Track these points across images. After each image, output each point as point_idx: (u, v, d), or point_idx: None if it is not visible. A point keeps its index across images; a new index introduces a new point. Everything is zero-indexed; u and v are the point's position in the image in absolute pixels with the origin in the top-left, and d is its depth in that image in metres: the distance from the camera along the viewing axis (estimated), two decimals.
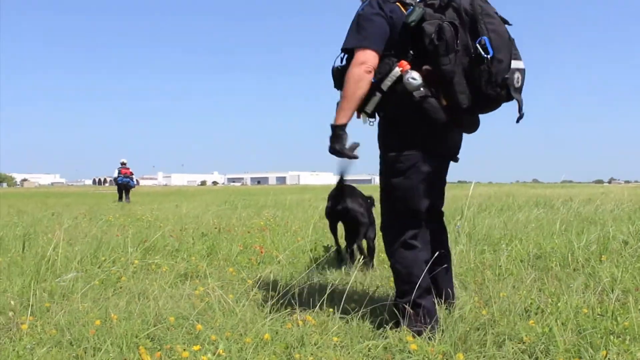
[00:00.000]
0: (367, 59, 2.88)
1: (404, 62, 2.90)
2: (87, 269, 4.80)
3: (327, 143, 3.02)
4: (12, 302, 3.62)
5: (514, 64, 2.83)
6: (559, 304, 3.45)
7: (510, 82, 2.79)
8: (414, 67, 2.88)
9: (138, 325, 3.10)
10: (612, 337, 2.77)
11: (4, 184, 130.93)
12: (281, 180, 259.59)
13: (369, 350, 2.81)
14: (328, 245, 6.03)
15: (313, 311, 3.44)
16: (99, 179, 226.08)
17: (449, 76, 2.80)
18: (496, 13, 2.89)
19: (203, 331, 2.93)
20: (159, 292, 3.96)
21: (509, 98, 2.87)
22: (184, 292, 4.07)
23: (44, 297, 3.85)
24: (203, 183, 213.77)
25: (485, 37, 2.76)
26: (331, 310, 3.41)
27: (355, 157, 3.08)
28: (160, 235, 6.23)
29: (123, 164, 24.02)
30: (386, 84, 2.93)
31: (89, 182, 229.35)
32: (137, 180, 26.52)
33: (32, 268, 4.63)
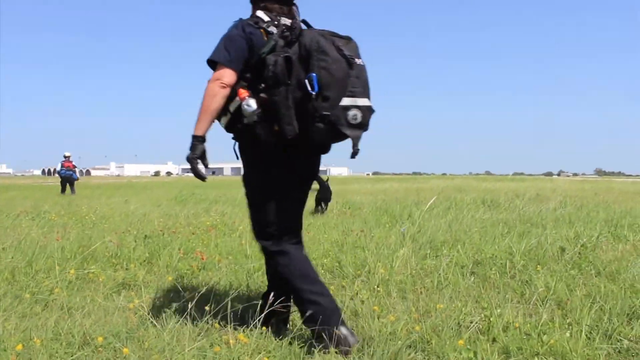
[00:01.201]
0: (224, 75, 3.03)
1: (241, 90, 3.04)
2: (18, 280, 4.64)
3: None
4: None
5: (350, 101, 2.94)
6: (491, 319, 3.48)
7: (338, 119, 2.91)
8: (256, 94, 3.03)
9: (62, 349, 3.00)
10: (536, 359, 2.81)
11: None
12: (236, 171, 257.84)
13: None
14: None
15: (248, 328, 3.40)
16: (49, 169, 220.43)
17: (275, 107, 2.96)
18: (341, 50, 2.98)
19: (129, 356, 2.85)
20: (91, 307, 3.86)
21: (339, 137, 3.02)
22: (119, 304, 3.99)
23: None
24: (157, 173, 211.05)
25: (313, 74, 2.88)
26: (264, 328, 3.38)
27: (202, 178, 3.34)
28: (100, 242, 6.07)
29: (66, 157, 23.84)
30: (232, 105, 3.08)
31: (38, 172, 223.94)
32: (81, 172, 26.43)
33: None
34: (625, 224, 8.48)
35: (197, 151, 3.15)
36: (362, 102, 3.02)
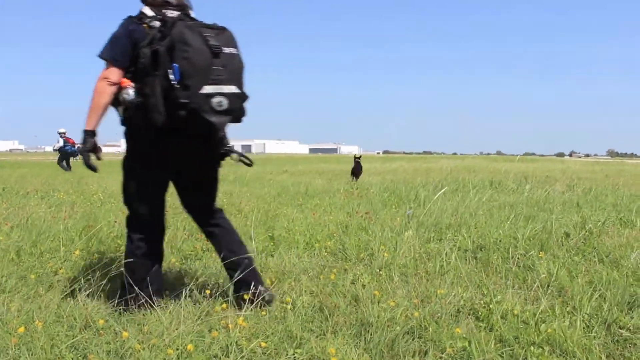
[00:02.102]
0: (110, 74, 3.24)
1: (124, 80, 3.25)
2: (24, 261, 4.67)
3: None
4: None
5: (213, 88, 3.11)
6: (490, 305, 3.48)
7: (200, 106, 3.09)
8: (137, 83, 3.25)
9: (63, 332, 3.04)
10: (532, 349, 2.81)
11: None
12: (246, 148, 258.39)
13: (294, 359, 2.81)
14: (272, 234, 5.98)
15: (248, 309, 3.43)
16: (60, 147, 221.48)
17: (145, 96, 3.18)
18: (207, 40, 3.13)
19: (128, 339, 2.88)
20: (94, 289, 3.89)
21: (208, 123, 3.17)
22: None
23: None
24: None
25: (175, 65, 3.06)
26: (264, 313, 3.41)
27: (93, 169, 3.48)
28: (105, 222, 6.10)
29: (63, 133, 23.66)
30: (121, 96, 3.27)
31: (49, 149, 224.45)
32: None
33: None
34: (633, 208, 8.42)
35: (88, 144, 3.35)
36: (228, 89, 3.18)
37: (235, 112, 3.26)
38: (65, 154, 23.64)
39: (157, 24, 3.30)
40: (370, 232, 6.05)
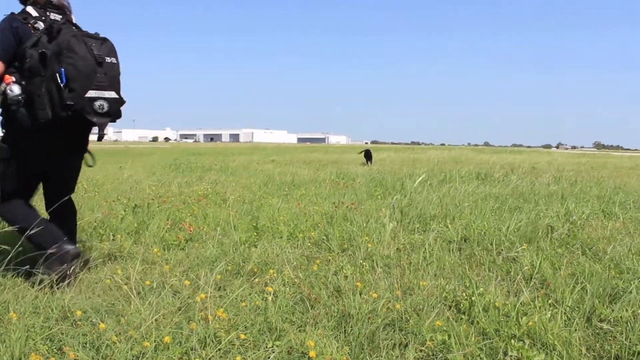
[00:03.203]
0: None
1: (7, 77, 3.45)
2: (1, 250, 4.60)
3: None
4: None
5: (96, 93, 3.48)
6: (473, 298, 3.47)
7: (83, 108, 3.45)
8: (21, 81, 3.46)
9: (39, 323, 2.99)
10: (513, 342, 2.80)
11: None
12: (234, 137, 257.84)
13: (272, 352, 2.78)
14: (256, 224, 5.93)
15: (229, 301, 3.40)
16: None
17: (30, 95, 3.43)
18: (91, 50, 3.49)
19: (105, 331, 2.84)
20: (73, 279, 3.83)
21: (89, 123, 3.64)
22: (102, 277, 3.97)
23: None
24: (155, 139, 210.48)
25: (62, 69, 3.36)
26: (244, 304, 3.37)
27: None
28: (88, 215, 6.02)
29: None
30: (0, 89, 3.45)
31: None
32: None
33: None
34: (617, 200, 8.46)
35: None
36: (109, 94, 3.58)
37: (113, 114, 3.67)
38: None
39: (41, 25, 3.55)
40: (355, 223, 6.02)
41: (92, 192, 9.02)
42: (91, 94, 3.48)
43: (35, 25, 3.54)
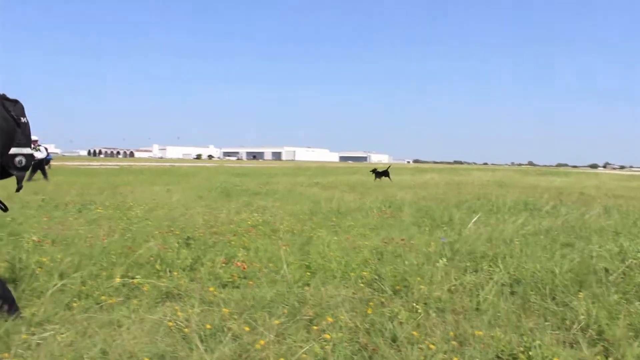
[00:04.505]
0: None
1: None
2: (69, 287, 4.77)
3: None
4: None
5: (16, 150, 3.86)
6: (530, 352, 3.47)
7: (8, 163, 3.84)
8: None
9: None
10: None
11: None
12: (277, 155, 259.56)
13: None
14: (309, 263, 5.99)
15: (288, 348, 3.47)
16: (94, 150, 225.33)
17: None
18: (9, 111, 3.82)
19: None
20: (136, 320, 3.98)
21: (7, 175, 3.94)
22: (163, 318, 4.08)
23: (19, 326, 3.84)
24: (198, 157, 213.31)
25: None
26: (304, 355, 3.44)
27: None
28: (144, 249, 6.17)
29: (36, 141, 22.30)
30: None
31: (84, 152, 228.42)
32: (125, 154, 24.93)
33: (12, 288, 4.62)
34: None
35: None
36: (26, 150, 3.94)
37: (28, 168, 4.04)
38: (39, 163, 22.21)
39: None
40: (405, 260, 6.04)
41: (144, 221, 9.20)
42: (13, 151, 3.86)
43: None
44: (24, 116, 3.99)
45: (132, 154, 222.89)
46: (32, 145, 15.65)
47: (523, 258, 6.27)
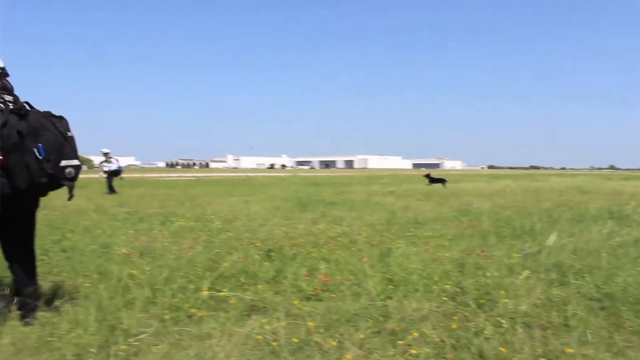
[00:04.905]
0: None
1: None
2: (160, 300, 4.95)
3: None
4: (91, 350, 3.81)
5: (66, 162, 4.22)
6: None
7: (59, 174, 4.20)
8: None
9: None
10: None
11: (85, 167, 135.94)
12: (349, 163, 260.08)
13: None
14: (391, 276, 5.99)
15: None
16: (171, 162, 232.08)
17: (11, 168, 4.02)
18: (57, 127, 4.21)
19: None
20: (225, 333, 4.10)
21: (59, 186, 4.31)
22: (251, 331, 4.19)
23: (117, 336, 4.03)
24: (272, 166, 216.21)
25: (40, 145, 4.05)
26: None
27: None
28: (228, 263, 6.32)
29: (108, 153, 23.11)
30: None
31: (162, 164, 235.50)
32: (200, 164, 25.36)
33: (106, 300, 4.85)
34: None
35: None
36: (74, 162, 4.31)
37: (77, 178, 4.37)
38: (112, 174, 22.97)
39: (1, 106, 4.12)
40: (488, 273, 5.97)
41: (225, 233, 9.42)
42: (63, 163, 4.21)
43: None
44: (69, 130, 4.35)
45: (207, 165, 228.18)
46: (105, 158, 16.49)
47: (612, 271, 6.07)
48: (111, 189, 22.09)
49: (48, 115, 4.30)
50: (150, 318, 4.46)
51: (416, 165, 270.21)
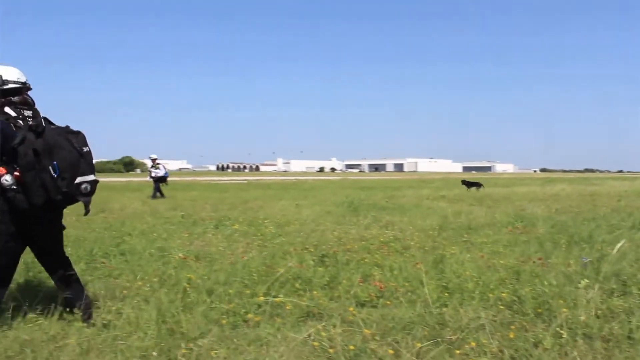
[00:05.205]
0: None
1: (1, 168, 4.17)
2: (217, 306, 5.03)
3: None
4: (153, 353, 3.91)
5: (81, 178, 4.25)
6: None
7: (75, 191, 4.23)
8: (12, 171, 4.17)
9: None
10: None
11: (138, 170, 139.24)
12: (399, 167, 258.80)
13: None
14: (446, 284, 5.94)
15: None
16: (222, 165, 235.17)
17: (27, 185, 4.17)
18: (73, 143, 4.26)
19: None
20: (282, 339, 4.14)
21: (75, 201, 4.34)
22: (308, 337, 4.21)
23: (178, 340, 4.12)
24: (321, 169, 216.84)
25: (55, 163, 4.12)
26: None
27: None
28: (283, 270, 6.35)
29: (155, 159, 23.50)
30: None
31: (213, 167, 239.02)
32: (251, 168, 25.53)
33: (166, 303, 4.96)
34: None
35: None
36: (90, 177, 4.34)
37: (93, 193, 4.41)
38: (159, 180, 23.21)
39: (20, 123, 4.32)
40: (545, 281, 5.85)
41: (279, 238, 9.50)
42: (78, 179, 4.25)
43: (17, 125, 4.32)
44: (86, 146, 4.42)
45: (257, 168, 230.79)
46: (152, 164, 17.01)
47: None
48: (160, 194, 22.52)
49: (65, 131, 4.39)
50: (209, 323, 4.54)
51: (466, 169, 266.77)
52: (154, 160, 23.40)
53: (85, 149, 4.38)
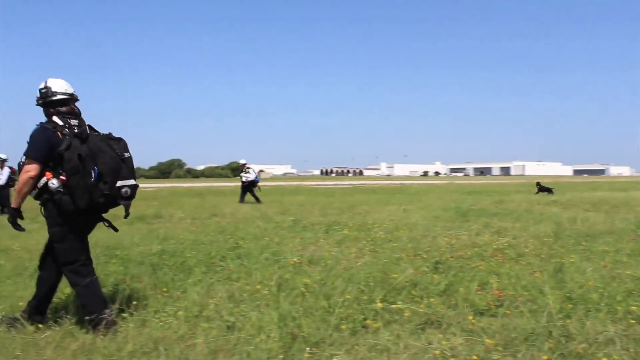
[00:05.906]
0: (32, 169, 4.44)
1: (48, 173, 4.46)
2: (335, 309, 5.10)
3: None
4: (278, 356, 4.03)
5: (122, 182, 4.56)
6: None
7: (116, 194, 4.54)
8: (57, 176, 4.43)
9: None
10: None
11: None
12: (505, 170, 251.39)
13: None
14: (570, 295, 5.73)
15: None
16: (326, 170, 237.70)
17: (72, 188, 4.41)
18: (114, 150, 4.59)
19: None
20: (403, 349, 4.15)
21: (116, 204, 4.64)
22: (427, 346, 4.20)
23: (301, 344, 4.22)
24: (425, 173, 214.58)
25: (96, 167, 4.40)
26: None
27: (20, 230, 4.71)
28: (400, 276, 6.33)
29: (245, 164, 23.92)
30: (40, 183, 4.49)
31: (317, 172, 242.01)
32: (354, 172, 25.59)
33: (286, 307, 5.08)
34: None
35: (12, 217, 4.65)
36: (130, 182, 4.66)
37: (134, 197, 4.73)
38: (249, 185, 23.58)
39: (66, 131, 4.54)
40: None
41: (389, 244, 9.50)
42: (119, 183, 4.54)
43: (64, 132, 4.53)
44: (128, 152, 4.72)
45: (360, 173, 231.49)
46: (242, 168, 17.52)
47: None
48: (255, 198, 23.01)
49: (107, 137, 4.71)
50: (328, 327, 4.62)
51: (577, 172, 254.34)
52: (243, 165, 24.06)
53: (126, 155, 4.70)
